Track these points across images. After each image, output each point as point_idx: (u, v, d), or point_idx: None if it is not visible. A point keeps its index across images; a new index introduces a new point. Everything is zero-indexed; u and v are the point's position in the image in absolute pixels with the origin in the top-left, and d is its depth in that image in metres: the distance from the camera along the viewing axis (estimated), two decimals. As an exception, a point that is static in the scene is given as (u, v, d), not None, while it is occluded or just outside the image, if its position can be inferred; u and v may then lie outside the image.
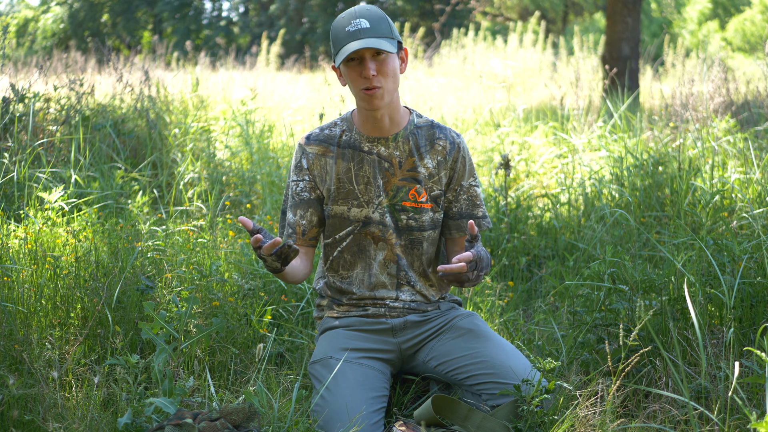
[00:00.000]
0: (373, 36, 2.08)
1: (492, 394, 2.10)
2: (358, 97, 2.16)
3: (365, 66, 2.09)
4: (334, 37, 2.15)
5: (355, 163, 2.25)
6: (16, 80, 4.30)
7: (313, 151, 2.27)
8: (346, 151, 2.25)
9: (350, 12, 2.14)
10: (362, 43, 2.06)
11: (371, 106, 2.14)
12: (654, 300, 2.42)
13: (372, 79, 2.10)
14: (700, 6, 21.81)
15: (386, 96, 2.13)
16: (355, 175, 2.25)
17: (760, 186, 3.31)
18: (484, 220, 2.32)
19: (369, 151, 2.25)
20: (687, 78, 4.78)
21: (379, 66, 2.11)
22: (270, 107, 6.18)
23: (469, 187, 2.30)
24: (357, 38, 2.08)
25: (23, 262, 2.68)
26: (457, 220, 2.30)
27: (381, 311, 2.27)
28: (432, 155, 2.26)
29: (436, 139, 2.27)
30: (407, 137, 2.25)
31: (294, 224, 2.28)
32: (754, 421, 1.59)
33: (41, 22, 22.29)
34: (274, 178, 4.17)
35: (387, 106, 2.18)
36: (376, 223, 2.25)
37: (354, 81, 2.13)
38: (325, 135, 2.28)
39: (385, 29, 2.11)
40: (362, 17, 2.10)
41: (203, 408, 2.04)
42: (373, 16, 2.11)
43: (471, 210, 2.30)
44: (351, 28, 2.09)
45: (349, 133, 2.27)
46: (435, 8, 18.23)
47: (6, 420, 1.99)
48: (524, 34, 10.97)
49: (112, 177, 3.83)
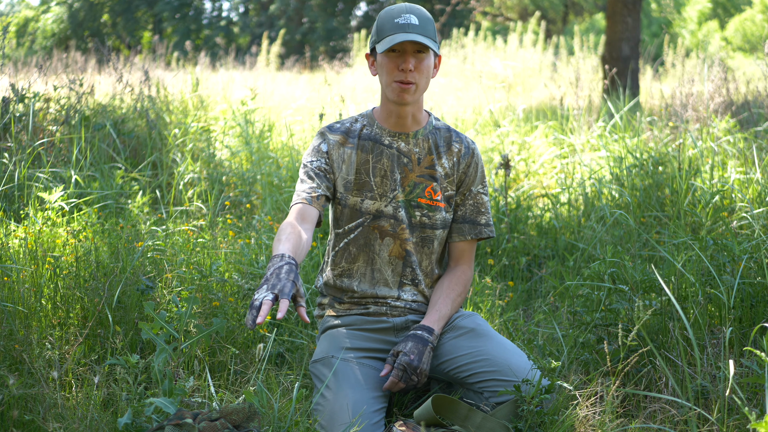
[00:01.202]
0: (420, 33, 2.14)
1: (494, 391, 2.11)
2: (389, 89, 2.20)
3: (406, 59, 2.15)
4: (380, 25, 2.19)
5: (374, 155, 2.28)
6: (16, 80, 4.31)
7: (334, 138, 2.30)
8: (366, 143, 2.29)
9: (401, 6, 2.19)
10: (411, 37, 2.12)
11: (401, 99, 2.19)
12: (654, 300, 2.42)
13: (408, 73, 2.16)
14: (700, 6, 21.81)
15: (417, 93, 2.20)
16: (373, 167, 2.27)
17: (760, 186, 3.31)
18: (487, 227, 2.34)
19: (389, 145, 2.28)
20: (687, 78, 4.78)
21: (418, 63, 2.17)
22: (270, 107, 6.19)
23: (477, 193, 2.33)
24: (405, 31, 2.13)
25: (23, 262, 2.68)
26: (460, 224, 2.32)
27: (382, 310, 2.28)
28: (448, 156, 2.30)
29: (453, 142, 2.32)
30: (427, 136, 2.29)
31: (308, 189, 2.22)
32: (753, 421, 1.59)
33: (41, 22, 22.29)
34: (274, 178, 4.17)
35: (413, 104, 2.24)
36: (387, 217, 2.27)
37: (390, 72, 2.18)
38: (345, 127, 2.32)
39: (432, 31, 2.18)
40: (413, 13, 2.17)
41: (203, 408, 2.04)
42: (422, 16, 2.18)
43: (475, 216, 2.32)
44: (401, 21, 2.15)
45: (370, 127, 2.31)
46: (435, 8, 18.22)
47: (6, 420, 2.00)
48: (524, 34, 10.97)
49: (112, 177, 3.83)
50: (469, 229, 2.32)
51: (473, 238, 2.32)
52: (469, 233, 2.32)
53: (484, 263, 3.54)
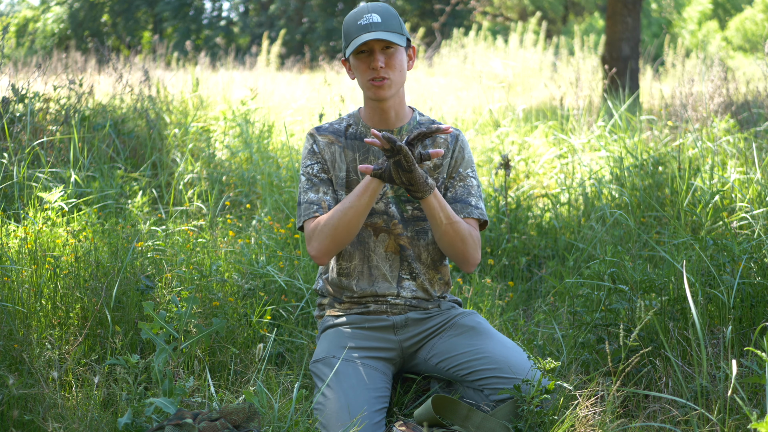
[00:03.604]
0: (383, 30, 2.17)
1: (494, 389, 2.11)
2: (365, 88, 2.23)
3: (374, 57, 2.18)
4: (346, 30, 2.22)
5: (361, 153, 2.30)
6: (16, 80, 4.30)
7: (323, 139, 2.33)
8: (353, 142, 2.31)
9: (363, 7, 2.22)
10: (373, 35, 2.14)
11: (378, 96, 2.21)
12: (654, 300, 2.42)
13: (380, 70, 2.18)
14: (700, 6, 21.81)
15: (393, 87, 2.22)
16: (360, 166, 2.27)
17: (760, 186, 3.31)
18: (476, 209, 2.29)
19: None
20: (687, 78, 4.78)
21: (388, 59, 2.19)
22: (270, 107, 6.18)
23: (465, 176, 2.32)
24: (368, 31, 2.16)
25: (23, 262, 2.68)
26: (451, 203, 2.29)
27: (382, 308, 2.28)
28: (434, 148, 2.30)
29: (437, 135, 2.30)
30: (411, 131, 2.28)
31: (318, 201, 2.27)
32: (754, 421, 1.59)
33: (41, 22, 22.29)
34: (274, 179, 4.17)
35: (393, 99, 2.25)
36: (379, 214, 2.28)
37: (363, 72, 2.21)
38: (333, 128, 2.35)
39: (396, 25, 2.20)
40: (374, 12, 2.19)
41: (203, 408, 2.04)
42: (384, 12, 2.20)
43: (465, 196, 2.30)
44: (363, 22, 2.18)
45: (356, 126, 2.33)
46: (435, 8, 18.22)
47: (6, 420, 1.99)
48: (524, 34, 10.97)
49: (112, 177, 3.83)
50: (461, 208, 2.27)
51: (466, 216, 2.27)
52: (462, 212, 2.27)
53: (484, 263, 3.54)
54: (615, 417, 2.09)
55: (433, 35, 16.59)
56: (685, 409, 2.05)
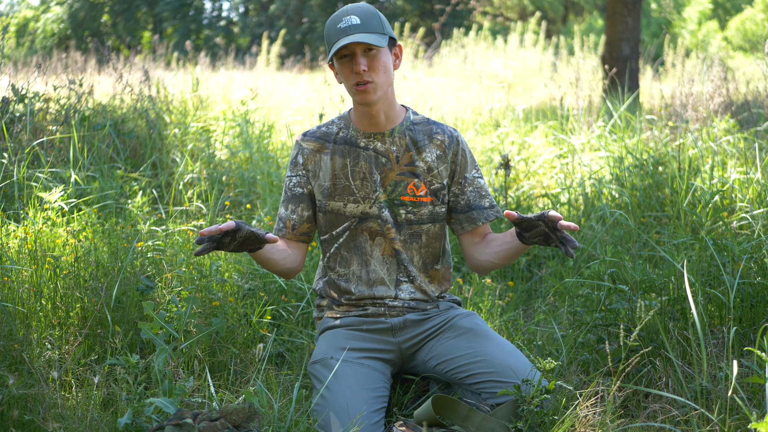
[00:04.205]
0: (363, 32, 2.11)
1: (492, 393, 2.10)
2: (351, 93, 2.19)
3: (356, 61, 2.12)
4: (327, 34, 2.18)
5: (351, 158, 2.27)
6: (16, 80, 4.30)
7: (308, 146, 2.30)
8: (343, 147, 2.27)
9: (342, 10, 2.17)
10: (351, 39, 2.09)
11: (363, 100, 2.17)
12: (654, 300, 2.42)
13: (363, 74, 2.13)
14: (700, 6, 21.81)
15: (378, 90, 2.16)
16: (351, 171, 2.26)
17: (760, 186, 3.31)
18: (492, 209, 2.32)
19: (365, 147, 2.26)
20: (687, 78, 4.78)
21: (370, 61, 2.14)
22: (270, 107, 6.18)
23: (473, 179, 2.31)
24: (347, 34, 2.11)
25: (23, 262, 2.68)
26: (467, 212, 2.30)
27: (380, 311, 2.27)
28: (431, 149, 2.27)
29: (434, 134, 2.29)
30: (404, 132, 2.27)
31: (285, 218, 2.30)
32: (754, 422, 1.59)
33: (41, 22, 22.29)
34: (274, 179, 4.17)
35: (381, 102, 2.20)
36: (374, 218, 2.26)
37: (346, 77, 2.16)
38: (321, 132, 2.31)
39: (376, 25, 2.14)
40: (353, 14, 2.14)
41: (203, 408, 2.04)
42: (364, 13, 2.14)
43: (479, 201, 2.30)
44: (342, 25, 2.13)
45: (346, 130, 2.29)
46: (435, 8, 18.23)
47: (6, 420, 1.99)
48: (524, 34, 10.97)
49: (112, 177, 3.83)
50: (479, 215, 2.30)
51: (485, 222, 2.30)
52: (479, 219, 2.29)
53: (484, 263, 3.53)
54: (615, 417, 2.09)
55: (433, 35, 16.59)
56: (685, 409, 2.05)
